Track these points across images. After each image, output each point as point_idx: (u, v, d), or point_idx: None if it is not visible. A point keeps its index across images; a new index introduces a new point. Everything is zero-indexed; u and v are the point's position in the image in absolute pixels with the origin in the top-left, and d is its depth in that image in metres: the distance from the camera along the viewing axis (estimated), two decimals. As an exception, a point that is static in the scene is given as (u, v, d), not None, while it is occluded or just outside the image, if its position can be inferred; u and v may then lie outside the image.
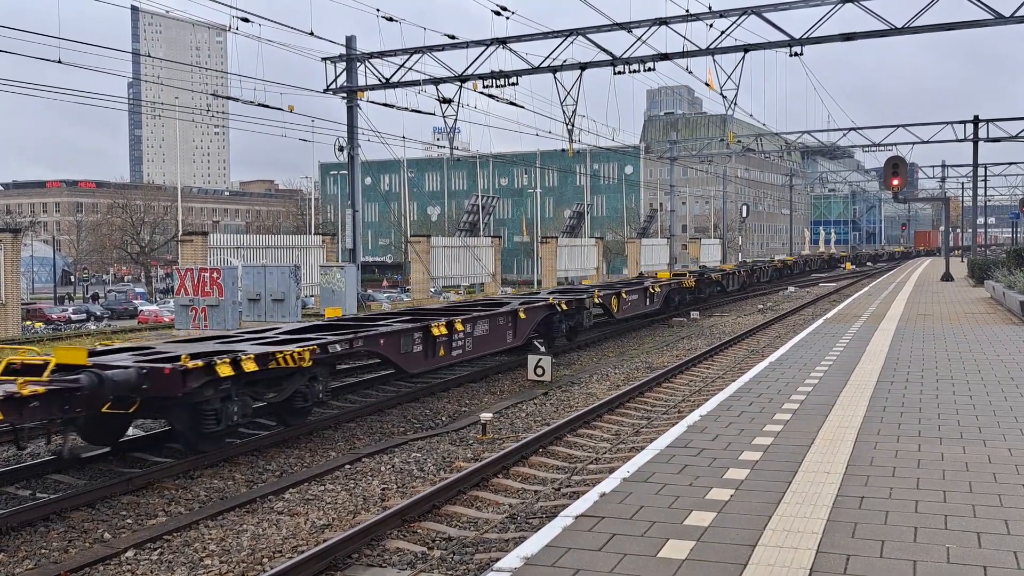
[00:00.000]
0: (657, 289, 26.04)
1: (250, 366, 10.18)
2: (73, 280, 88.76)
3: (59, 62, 19.67)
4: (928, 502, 6.09)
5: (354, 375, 16.72)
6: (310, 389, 11.52)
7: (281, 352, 10.71)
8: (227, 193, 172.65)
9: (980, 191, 53.37)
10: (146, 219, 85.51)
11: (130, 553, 7.50)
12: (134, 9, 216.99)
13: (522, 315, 17.12)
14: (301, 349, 10.99)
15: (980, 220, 58.00)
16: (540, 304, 18.64)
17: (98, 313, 59.58)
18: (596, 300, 21.24)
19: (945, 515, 5.80)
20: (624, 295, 23.12)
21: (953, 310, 22.40)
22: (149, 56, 26.59)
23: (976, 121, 39.75)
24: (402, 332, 13.43)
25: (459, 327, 14.74)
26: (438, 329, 14.11)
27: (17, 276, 25.90)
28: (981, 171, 51.26)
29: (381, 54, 27.22)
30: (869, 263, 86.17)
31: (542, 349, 17.51)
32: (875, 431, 8.28)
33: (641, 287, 25.23)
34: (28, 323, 41.35)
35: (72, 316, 56.67)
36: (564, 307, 19.28)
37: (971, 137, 39.58)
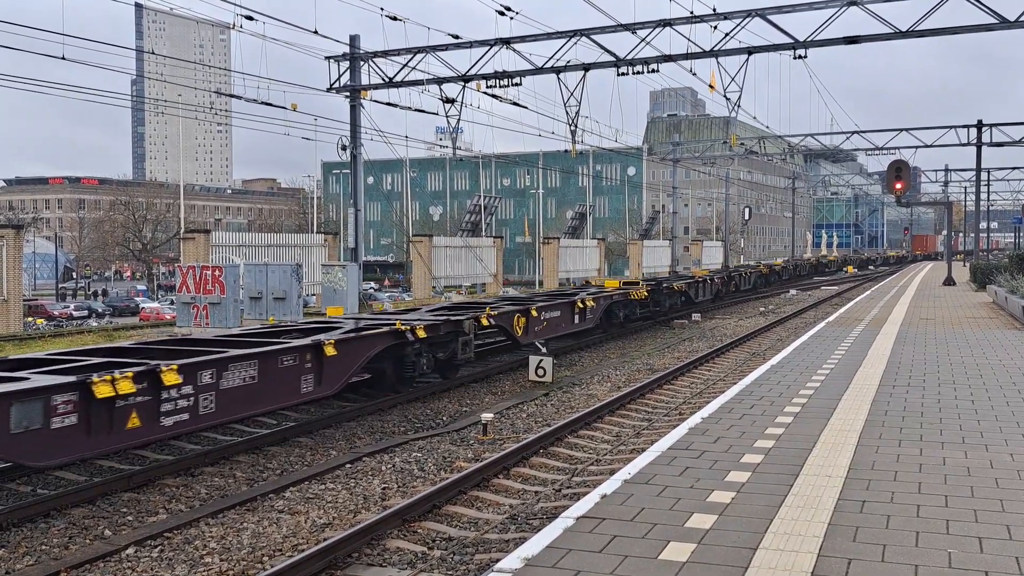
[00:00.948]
0: (590, 303, 20.90)
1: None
2: (75, 277, 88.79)
3: (63, 58, 19.68)
4: (930, 507, 6.08)
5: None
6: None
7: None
8: (230, 191, 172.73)
9: (983, 196, 53.36)
10: (148, 216, 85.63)
11: (130, 550, 7.50)
12: (138, 6, 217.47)
13: (330, 351, 11.69)
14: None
15: (982, 225, 57.95)
16: (376, 332, 13.07)
17: (100, 310, 59.61)
18: (487, 321, 16.07)
19: (947, 520, 5.79)
20: (536, 313, 18.05)
21: (955, 314, 22.37)
22: (153, 53, 26.64)
23: (980, 126, 39.73)
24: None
25: (169, 380, 9.19)
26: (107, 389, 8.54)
27: (19, 272, 25.92)
28: (984, 176, 51.26)
29: (385, 53, 27.22)
30: (855, 268, 77.26)
31: (543, 349, 17.32)
32: (877, 435, 8.27)
33: (566, 301, 19.97)
34: (30, 319, 41.37)
35: (74, 313, 56.70)
36: (422, 334, 13.93)
37: (975, 142, 39.55)
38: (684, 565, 5.02)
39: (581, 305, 20.32)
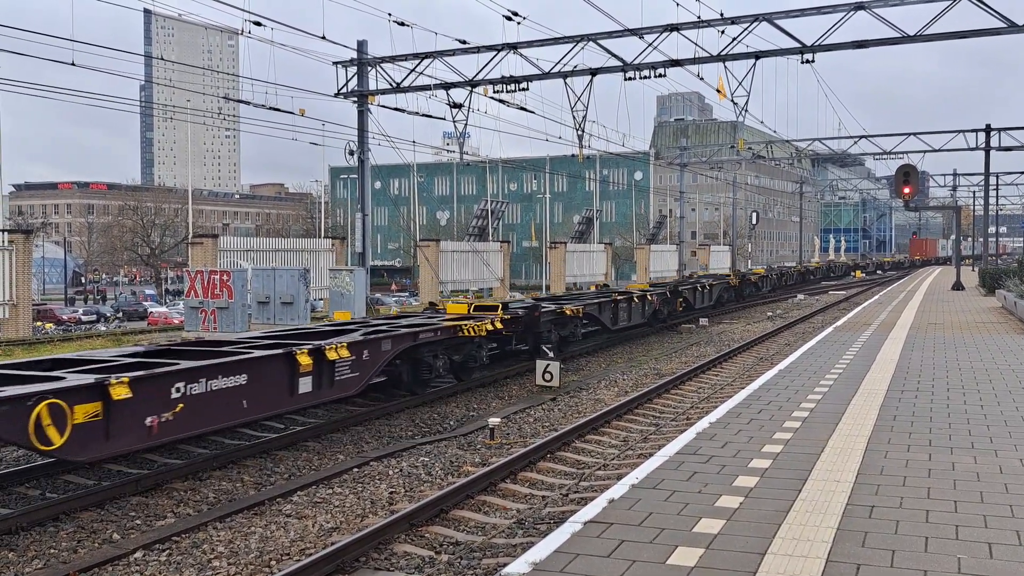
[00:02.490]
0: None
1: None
2: (84, 281, 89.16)
3: (72, 64, 19.77)
4: (939, 512, 6.06)
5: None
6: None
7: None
8: (237, 196, 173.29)
9: (992, 200, 53.16)
10: (157, 221, 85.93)
11: (139, 554, 7.52)
12: (147, 12, 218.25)
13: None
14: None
15: (991, 229, 57.79)
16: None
17: (108, 315, 59.84)
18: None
19: (956, 525, 5.77)
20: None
21: (964, 319, 22.29)
22: (162, 59, 26.72)
23: (988, 130, 39.58)
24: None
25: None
26: None
27: (28, 277, 26.02)
28: (993, 180, 51.06)
29: (392, 58, 27.27)
30: (829, 278, 65.37)
31: (550, 354, 17.24)
32: (885, 440, 8.24)
33: (280, 358, 10.93)
34: (39, 324, 41.52)
35: (82, 317, 56.92)
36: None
37: (983, 146, 39.41)
38: (692, 570, 5.01)
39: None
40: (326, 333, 13.35)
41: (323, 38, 23.23)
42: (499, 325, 15.83)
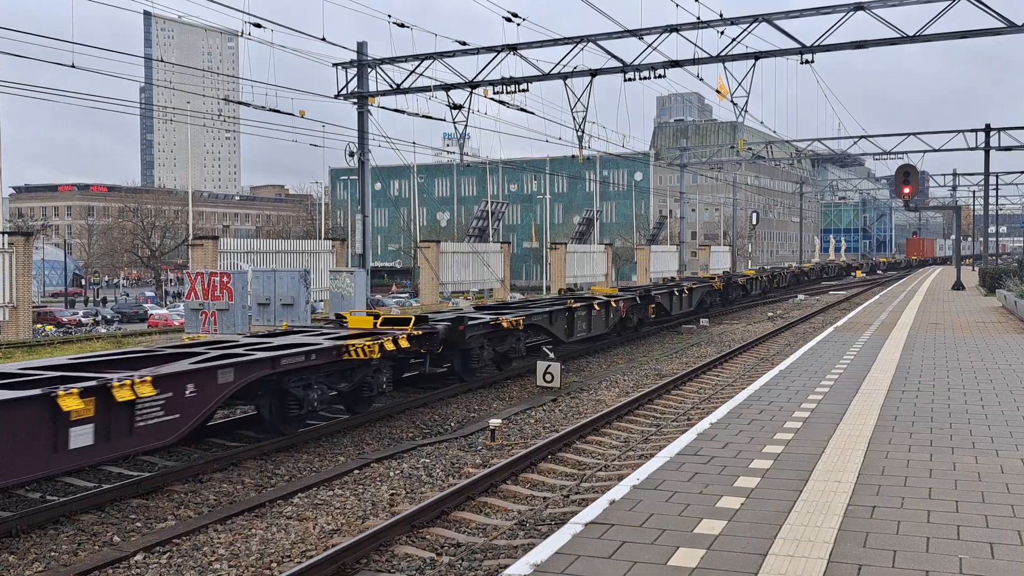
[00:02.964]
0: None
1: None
2: (84, 283, 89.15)
3: (72, 66, 19.77)
4: (940, 512, 6.05)
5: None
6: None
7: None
8: (238, 197, 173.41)
9: (991, 200, 53.13)
10: (157, 223, 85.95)
11: (139, 557, 7.51)
12: (147, 14, 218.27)
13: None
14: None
15: (991, 229, 57.78)
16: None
17: (108, 316, 59.86)
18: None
19: (957, 525, 5.77)
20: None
21: (964, 319, 22.29)
22: (161, 61, 26.72)
23: (988, 130, 39.59)
24: None
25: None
26: None
27: (28, 279, 26.00)
28: (992, 180, 51.05)
29: (392, 60, 27.28)
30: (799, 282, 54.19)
31: (551, 355, 17.19)
32: (887, 440, 8.23)
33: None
34: (39, 326, 41.54)
35: (82, 319, 56.93)
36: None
37: (983, 146, 39.41)
38: (694, 571, 5.01)
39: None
40: (162, 357, 10.67)
41: (323, 40, 23.25)
42: (404, 344, 13.20)
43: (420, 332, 13.87)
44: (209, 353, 10.71)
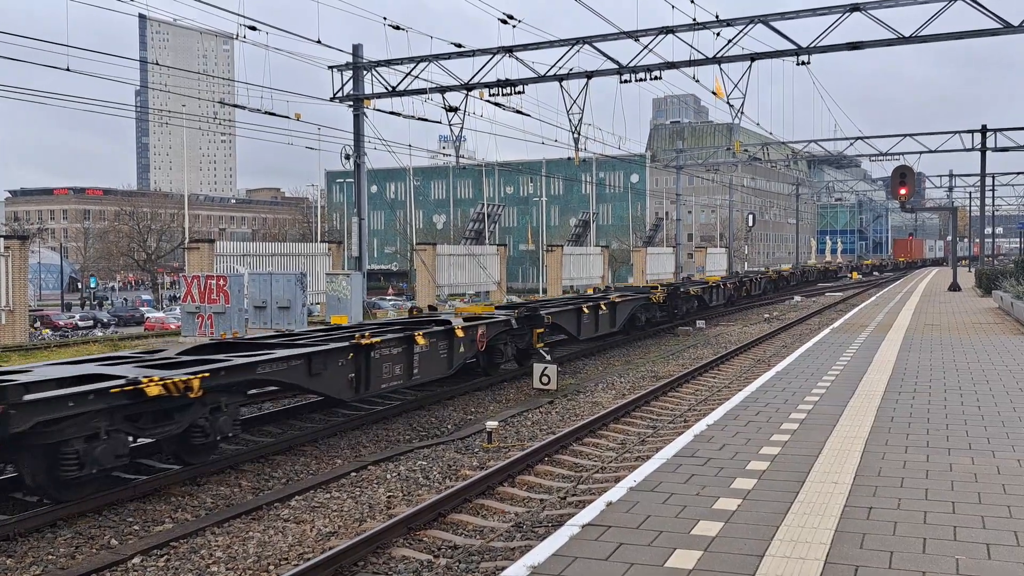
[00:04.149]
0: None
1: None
2: (80, 287, 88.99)
3: (68, 70, 19.74)
4: (937, 513, 6.06)
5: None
6: None
7: None
8: (233, 201, 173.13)
9: (988, 201, 53.24)
10: (153, 226, 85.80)
11: (136, 560, 7.50)
12: (142, 17, 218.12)
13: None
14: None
15: (987, 230, 57.88)
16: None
17: (105, 320, 59.74)
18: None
19: (954, 526, 5.78)
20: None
21: (961, 320, 22.32)
22: (157, 64, 26.69)
23: (984, 131, 39.66)
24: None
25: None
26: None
27: (25, 283, 25.95)
28: (989, 180, 51.14)
29: (388, 62, 27.27)
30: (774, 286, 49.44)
31: (547, 356, 17.26)
32: (883, 441, 8.25)
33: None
34: (35, 329, 41.45)
35: (79, 323, 56.82)
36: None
37: (979, 147, 39.47)
38: (691, 573, 5.01)
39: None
40: None
41: (318, 42, 23.23)
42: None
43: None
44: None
